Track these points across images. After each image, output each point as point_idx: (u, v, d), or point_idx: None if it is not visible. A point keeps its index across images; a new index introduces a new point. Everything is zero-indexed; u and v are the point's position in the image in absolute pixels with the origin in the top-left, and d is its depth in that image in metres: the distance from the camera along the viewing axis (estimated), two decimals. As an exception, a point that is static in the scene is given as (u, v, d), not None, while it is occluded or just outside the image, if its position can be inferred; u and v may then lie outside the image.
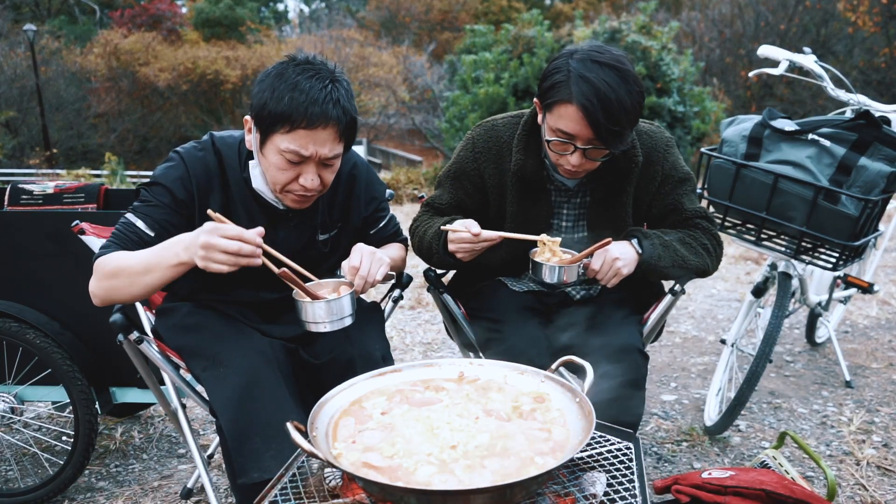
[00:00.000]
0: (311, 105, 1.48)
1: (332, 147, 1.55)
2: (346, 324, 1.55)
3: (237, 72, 25.25)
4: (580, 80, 1.59)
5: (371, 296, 4.48)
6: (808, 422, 2.74)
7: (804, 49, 2.68)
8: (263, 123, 1.53)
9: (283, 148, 1.52)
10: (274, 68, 1.56)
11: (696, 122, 11.03)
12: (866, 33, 19.24)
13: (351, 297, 1.55)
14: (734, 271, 5.51)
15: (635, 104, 1.62)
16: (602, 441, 1.32)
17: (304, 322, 1.53)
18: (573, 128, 1.63)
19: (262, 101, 1.52)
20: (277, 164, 1.55)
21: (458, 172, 1.94)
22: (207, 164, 1.65)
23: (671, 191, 1.89)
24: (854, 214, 2.07)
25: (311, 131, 1.50)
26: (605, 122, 1.58)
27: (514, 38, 11.66)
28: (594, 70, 1.59)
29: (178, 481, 2.37)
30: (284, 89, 1.49)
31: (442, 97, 17.78)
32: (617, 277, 1.71)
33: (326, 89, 1.51)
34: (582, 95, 1.58)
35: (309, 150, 1.52)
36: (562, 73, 1.63)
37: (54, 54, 25.37)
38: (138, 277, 1.48)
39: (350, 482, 1.15)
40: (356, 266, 1.58)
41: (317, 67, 1.55)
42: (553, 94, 1.64)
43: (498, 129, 1.92)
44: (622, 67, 1.61)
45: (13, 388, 2.29)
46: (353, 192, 1.83)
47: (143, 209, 1.60)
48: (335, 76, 1.56)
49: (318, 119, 1.49)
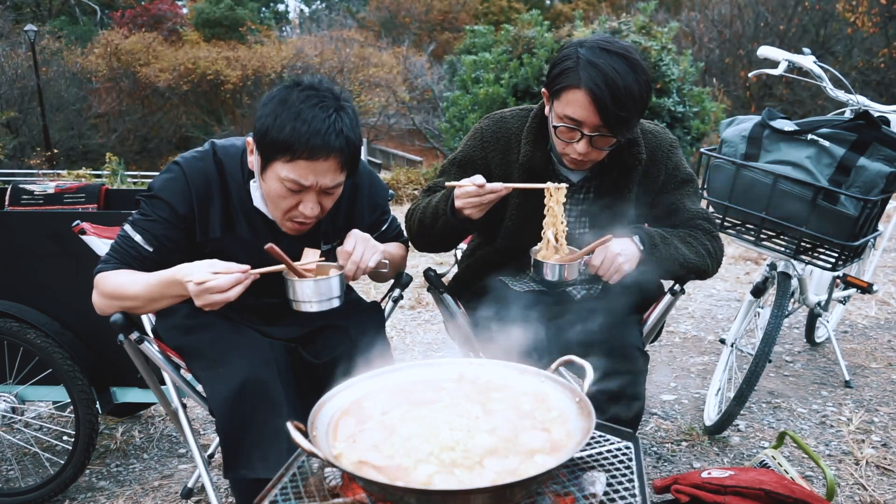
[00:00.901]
0: (314, 136, 1.45)
1: (333, 177, 1.52)
2: (333, 305, 1.56)
3: (237, 72, 25.25)
4: (589, 66, 1.60)
5: (371, 296, 4.49)
6: (808, 421, 2.74)
7: (803, 49, 2.68)
8: (265, 150, 1.50)
9: (283, 176, 1.49)
10: (278, 92, 1.52)
11: (696, 123, 11.02)
12: (865, 34, 19.24)
13: (340, 279, 1.56)
14: (734, 271, 5.51)
15: (643, 92, 1.63)
16: (602, 441, 1.32)
17: (291, 301, 1.55)
18: (580, 113, 1.63)
19: (264, 127, 1.48)
20: (277, 191, 1.53)
21: (465, 161, 1.94)
22: (208, 175, 1.63)
23: (673, 191, 1.89)
24: (853, 214, 2.07)
25: (313, 162, 1.47)
26: (612, 108, 1.59)
27: (514, 39, 11.65)
28: (603, 57, 1.60)
29: (179, 481, 2.37)
30: (287, 118, 1.45)
31: (442, 97, 17.79)
32: (619, 274, 1.71)
33: (330, 119, 1.47)
34: (590, 80, 1.59)
35: (309, 180, 1.50)
36: (571, 60, 1.64)
37: (55, 55, 25.38)
38: (143, 304, 1.54)
39: (350, 482, 1.15)
40: (349, 251, 1.59)
41: (321, 94, 1.50)
42: (561, 80, 1.65)
43: (507, 120, 1.92)
44: (631, 56, 1.62)
45: (14, 387, 2.29)
46: (357, 202, 1.82)
47: (141, 223, 1.59)
48: (340, 104, 1.52)
49: (319, 150, 1.46)
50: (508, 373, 1.37)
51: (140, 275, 1.55)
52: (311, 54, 25.54)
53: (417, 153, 25.03)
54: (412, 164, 22.15)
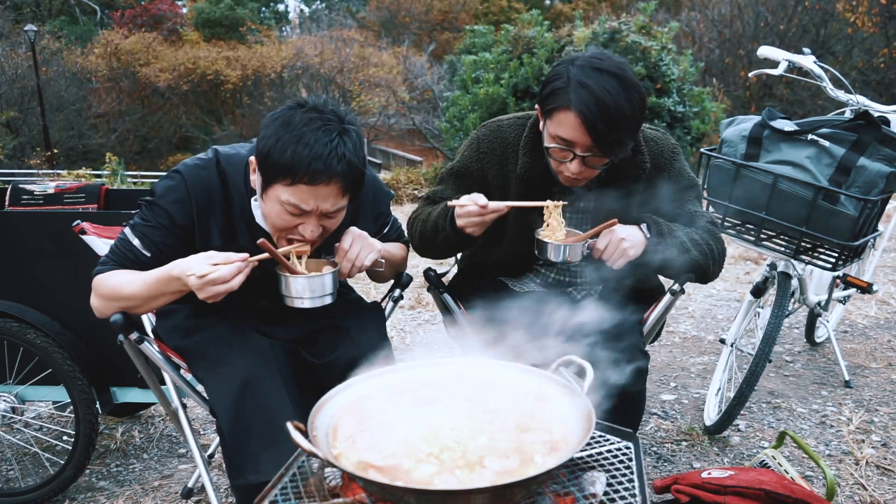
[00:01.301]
0: (315, 160, 1.41)
1: (334, 202, 1.50)
2: (326, 302, 1.55)
3: (237, 72, 25.26)
4: (579, 87, 1.57)
5: (371, 296, 4.49)
6: (808, 421, 2.74)
7: (803, 49, 2.68)
8: (266, 171, 1.48)
9: (283, 199, 1.47)
10: (282, 112, 1.49)
11: (696, 123, 11.03)
12: (865, 34, 19.24)
13: (333, 276, 1.56)
14: (734, 271, 5.51)
15: (635, 112, 1.60)
16: (602, 441, 1.32)
17: (284, 297, 1.55)
18: (572, 135, 1.62)
19: (266, 148, 1.45)
20: (277, 213, 1.51)
21: (461, 172, 1.93)
22: (210, 185, 1.61)
23: (677, 197, 1.89)
24: (853, 214, 2.07)
25: (314, 187, 1.44)
26: (603, 130, 1.57)
27: (514, 39, 11.65)
28: (594, 77, 1.58)
29: (179, 481, 2.37)
30: (289, 140, 1.42)
31: (442, 97, 17.78)
32: (623, 259, 1.70)
33: (332, 143, 1.43)
34: (581, 102, 1.57)
35: (310, 204, 1.47)
36: (561, 80, 1.62)
37: (55, 55, 25.38)
38: (141, 303, 1.53)
39: (350, 482, 1.15)
40: (345, 248, 1.59)
41: (325, 117, 1.47)
42: (552, 101, 1.63)
43: (503, 130, 1.91)
44: (623, 75, 1.59)
45: (14, 387, 2.29)
46: (360, 210, 1.79)
47: (141, 228, 1.59)
48: (344, 126, 1.48)
49: (321, 175, 1.43)
50: (508, 373, 1.37)
51: (137, 274, 1.54)
52: (311, 54, 25.53)
53: (417, 153, 25.02)
54: (412, 164, 22.16)
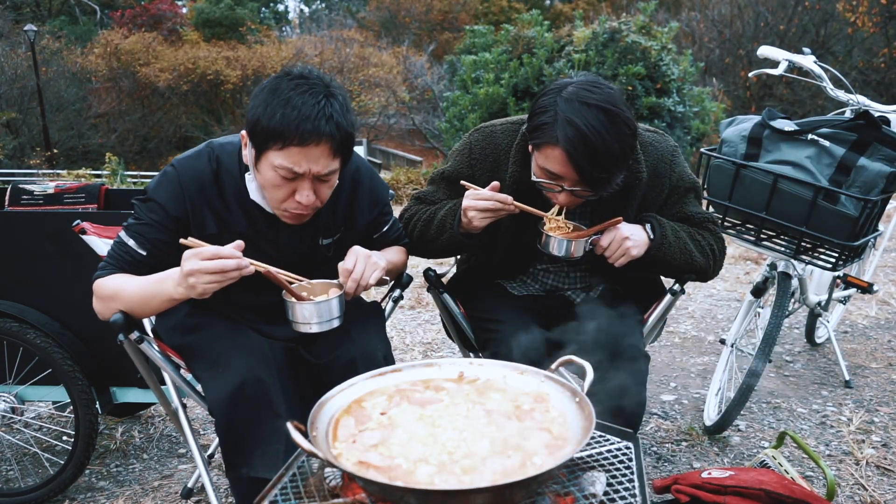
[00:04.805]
0: (303, 122, 1.45)
1: (326, 164, 1.52)
2: (333, 325, 1.56)
3: (237, 72, 25.25)
4: (566, 124, 1.55)
5: (371, 296, 4.49)
6: (808, 422, 2.74)
7: (803, 49, 2.68)
8: (257, 139, 1.51)
9: (276, 164, 1.50)
10: (269, 82, 1.53)
11: (696, 123, 11.04)
12: (866, 34, 19.25)
13: (340, 299, 1.56)
14: (734, 271, 5.51)
15: (624, 148, 1.58)
16: (602, 441, 1.32)
17: (293, 322, 1.56)
18: (559, 170, 1.61)
19: (255, 117, 1.50)
20: (272, 181, 1.53)
21: (453, 176, 1.92)
22: (201, 173, 1.63)
23: (678, 200, 1.88)
24: (853, 214, 2.07)
25: (304, 148, 1.48)
26: (590, 169, 1.56)
27: (514, 39, 11.66)
28: (581, 113, 1.54)
29: (179, 481, 2.37)
30: (277, 105, 1.46)
31: (442, 97, 17.79)
32: (625, 257, 1.70)
33: (319, 105, 1.47)
34: (567, 140, 1.54)
35: (302, 167, 1.50)
36: (549, 115, 1.59)
37: (55, 55, 25.38)
38: (138, 306, 1.55)
39: (350, 482, 1.15)
40: (349, 269, 1.59)
41: (311, 82, 1.51)
42: (540, 136, 1.62)
43: (496, 135, 1.89)
44: (611, 109, 1.56)
45: (14, 388, 2.29)
46: (357, 196, 1.81)
47: (135, 227, 1.60)
48: (330, 90, 1.52)
49: (310, 136, 1.46)
50: (508, 373, 1.37)
51: (135, 277, 1.57)
52: (311, 54, 25.55)
53: (417, 153, 25.03)
54: (412, 164, 22.16)
